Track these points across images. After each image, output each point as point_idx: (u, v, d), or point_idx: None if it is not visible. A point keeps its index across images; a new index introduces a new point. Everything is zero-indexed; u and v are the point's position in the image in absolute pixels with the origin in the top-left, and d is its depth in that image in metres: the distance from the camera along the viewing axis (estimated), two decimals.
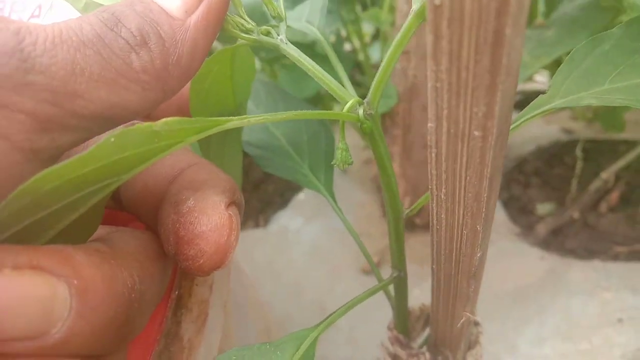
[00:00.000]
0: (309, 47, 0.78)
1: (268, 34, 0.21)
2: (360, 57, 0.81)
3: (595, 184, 0.66)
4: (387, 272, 0.70)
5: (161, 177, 0.21)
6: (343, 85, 0.22)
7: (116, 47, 0.17)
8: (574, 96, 0.21)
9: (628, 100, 0.19)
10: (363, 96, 0.72)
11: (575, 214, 0.65)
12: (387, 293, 0.29)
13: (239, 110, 0.28)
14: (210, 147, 0.26)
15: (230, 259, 0.18)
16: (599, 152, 0.72)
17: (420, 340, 0.29)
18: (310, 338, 0.21)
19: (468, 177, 0.14)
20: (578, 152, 0.70)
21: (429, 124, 0.14)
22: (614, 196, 0.65)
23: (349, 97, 0.21)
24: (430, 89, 0.13)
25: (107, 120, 0.17)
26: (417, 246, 0.68)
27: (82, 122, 0.17)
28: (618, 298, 0.55)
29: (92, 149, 0.14)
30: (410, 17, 0.19)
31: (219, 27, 0.19)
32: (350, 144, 0.73)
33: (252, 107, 0.33)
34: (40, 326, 0.14)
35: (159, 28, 0.17)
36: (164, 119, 0.15)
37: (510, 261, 0.61)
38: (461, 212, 0.16)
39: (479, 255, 0.18)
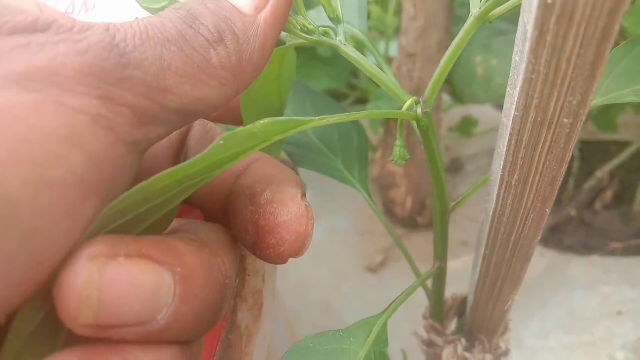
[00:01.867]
0: (310, 50, 0.79)
1: (327, 34, 0.23)
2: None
3: (590, 183, 0.68)
4: (392, 269, 0.71)
5: (228, 172, 0.21)
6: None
7: (196, 44, 0.17)
8: (615, 94, 0.22)
9: None
10: (359, 99, 0.74)
11: (572, 212, 0.67)
12: (424, 285, 0.30)
13: (282, 109, 0.29)
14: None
15: (308, 246, 0.19)
16: (593, 152, 0.74)
17: (452, 327, 0.31)
18: (379, 324, 0.22)
19: (547, 163, 0.16)
20: (575, 151, 0.72)
21: (515, 113, 0.15)
22: (609, 194, 0.67)
23: (406, 97, 0.22)
24: (523, 81, 0.14)
25: (190, 115, 0.18)
26: (420, 244, 0.70)
27: (171, 116, 0.17)
28: (617, 292, 0.57)
29: (208, 151, 0.15)
30: (470, 21, 0.20)
31: (284, 24, 0.20)
32: None
33: None
34: (150, 313, 0.15)
35: (233, 25, 0.18)
36: (260, 122, 0.16)
37: None
38: (532, 196, 0.17)
39: (539, 238, 0.19)
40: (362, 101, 0.90)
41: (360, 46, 0.45)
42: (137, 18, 0.18)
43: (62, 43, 0.14)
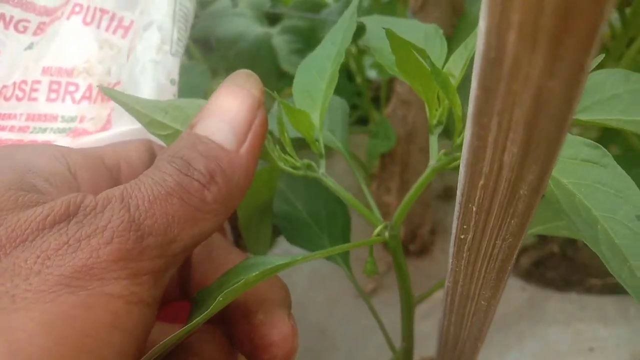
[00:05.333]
0: None
1: (310, 167, 0.27)
2: (358, 79, 0.87)
3: None
4: (384, 297, 0.75)
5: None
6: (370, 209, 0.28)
7: (192, 189, 0.20)
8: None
9: None
10: (360, 119, 0.78)
11: (555, 248, 0.71)
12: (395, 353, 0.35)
13: (271, 197, 0.33)
14: (252, 223, 0.31)
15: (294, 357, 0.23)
16: None
17: None
18: None
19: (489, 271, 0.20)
20: None
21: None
22: None
23: (378, 222, 0.27)
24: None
25: (190, 248, 0.20)
26: (410, 271, 0.74)
27: (177, 258, 0.20)
28: (590, 328, 0.61)
29: (210, 310, 0.19)
30: (427, 170, 0.25)
31: (262, 147, 0.23)
32: (347, 168, 0.79)
33: None
34: None
35: (220, 163, 0.21)
36: (252, 275, 0.20)
37: None
38: (478, 292, 0.21)
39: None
40: (363, 121, 0.94)
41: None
42: (140, 178, 0.20)
43: (93, 237, 0.17)
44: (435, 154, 0.25)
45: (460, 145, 0.23)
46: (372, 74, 0.90)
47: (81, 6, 0.41)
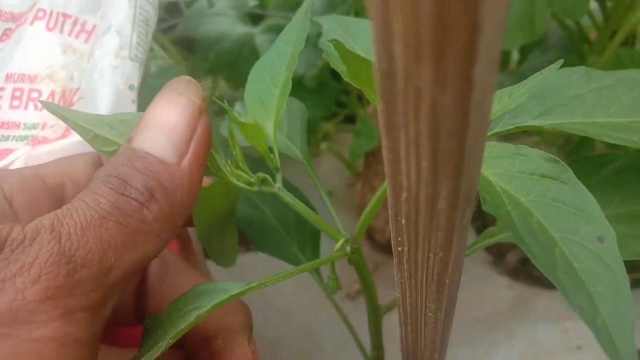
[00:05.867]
0: (295, 80, 0.82)
1: (265, 181, 0.25)
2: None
3: None
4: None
5: None
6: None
7: (130, 209, 0.18)
8: None
9: None
10: (348, 117, 0.77)
11: None
12: None
13: (233, 208, 0.32)
14: (213, 236, 0.30)
15: None
16: None
17: None
18: None
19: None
20: None
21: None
22: None
23: (339, 237, 0.26)
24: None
25: (133, 274, 0.19)
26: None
27: (117, 286, 0.19)
28: (577, 326, 0.61)
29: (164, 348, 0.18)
30: None
31: (207, 158, 0.21)
32: (334, 168, 0.78)
33: None
34: None
35: (160, 178, 0.19)
36: (205, 308, 0.19)
37: (481, 289, 0.67)
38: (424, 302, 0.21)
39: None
40: (350, 119, 0.93)
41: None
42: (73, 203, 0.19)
43: (19, 276, 0.16)
44: None
45: None
46: None
47: (44, 11, 0.40)
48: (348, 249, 0.26)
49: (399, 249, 0.17)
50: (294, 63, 0.27)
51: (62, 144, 0.33)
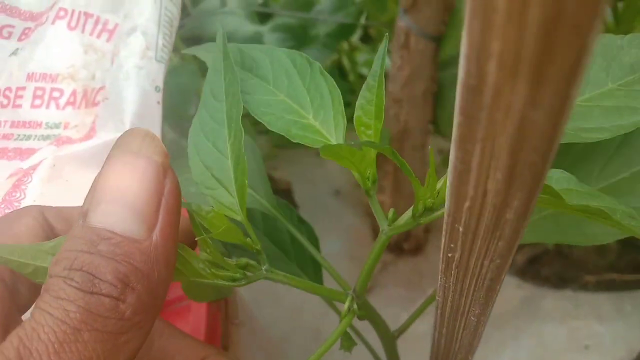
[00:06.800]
0: None
1: (249, 267, 0.23)
2: (351, 77, 0.86)
3: None
4: (379, 295, 0.74)
5: None
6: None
7: (104, 310, 0.15)
8: None
9: None
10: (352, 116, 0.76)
11: (550, 245, 0.71)
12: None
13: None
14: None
15: None
16: None
17: None
18: None
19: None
20: None
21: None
22: None
23: (343, 298, 0.25)
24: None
25: None
26: (405, 270, 0.74)
27: None
28: (586, 325, 0.61)
29: None
30: (381, 238, 0.24)
31: (179, 222, 0.18)
32: (340, 167, 0.78)
33: None
34: None
35: (132, 261, 0.16)
36: None
37: None
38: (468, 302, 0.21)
39: None
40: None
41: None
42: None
43: None
44: (382, 215, 0.24)
45: (425, 209, 0.22)
46: (365, 71, 0.90)
47: (66, 11, 0.40)
48: (355, 307, 0.25)
49: (450, 255, 0.18)
50: (239, 129, 0.23)
51: (87, 146, 0.33)
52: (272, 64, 0.27)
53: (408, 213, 0.23)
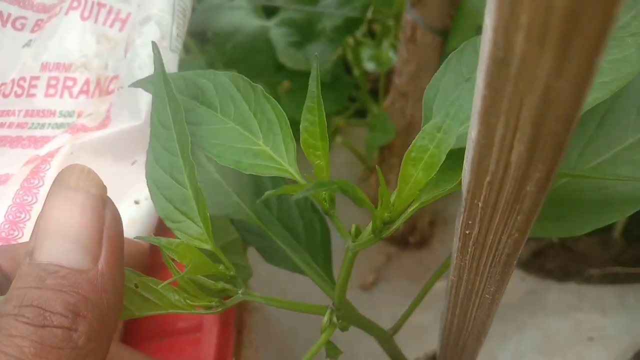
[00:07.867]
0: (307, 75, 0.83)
1: (225, 290, 0.23)
2: (356, 71, 0.87)
3: None
4: (383, 288, 0.75)
5: None
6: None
7: (58, 341, 0.16)
8: None
9: None
10: (359, 111, 0.77)
11: (554, 238, 0.71)
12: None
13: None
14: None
15: None
16: None
17: None
18: None
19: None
20: None
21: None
22: None
23: (323, 311, 0.26)
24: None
25: None
26: (410, 263, 0.74)
27: None
28: (589, 318, 0.62)
29: None
30: (348, 254, 0.24)
31: (122, 249, 0.19)
32: (345, 162, 0.78)
33: None
34: None
35: (80, 291, 0.17)
36: None
37: None
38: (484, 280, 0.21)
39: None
40: (361, 113, 0.94)
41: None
42: None
43: None
44: (345, 232, 0.24)
45: (389, 221, 0.22)
46: (370, 65, 0.90)
47: (79, 1, 0.40)
48: (335, 319, 0.25)
49: (467, 232, 0.18)
50: (191, 161, 0.22)
51: (102, 134, 0.34)
52: (217, 90, 0.26)
53: (368, 229, 0.23)
